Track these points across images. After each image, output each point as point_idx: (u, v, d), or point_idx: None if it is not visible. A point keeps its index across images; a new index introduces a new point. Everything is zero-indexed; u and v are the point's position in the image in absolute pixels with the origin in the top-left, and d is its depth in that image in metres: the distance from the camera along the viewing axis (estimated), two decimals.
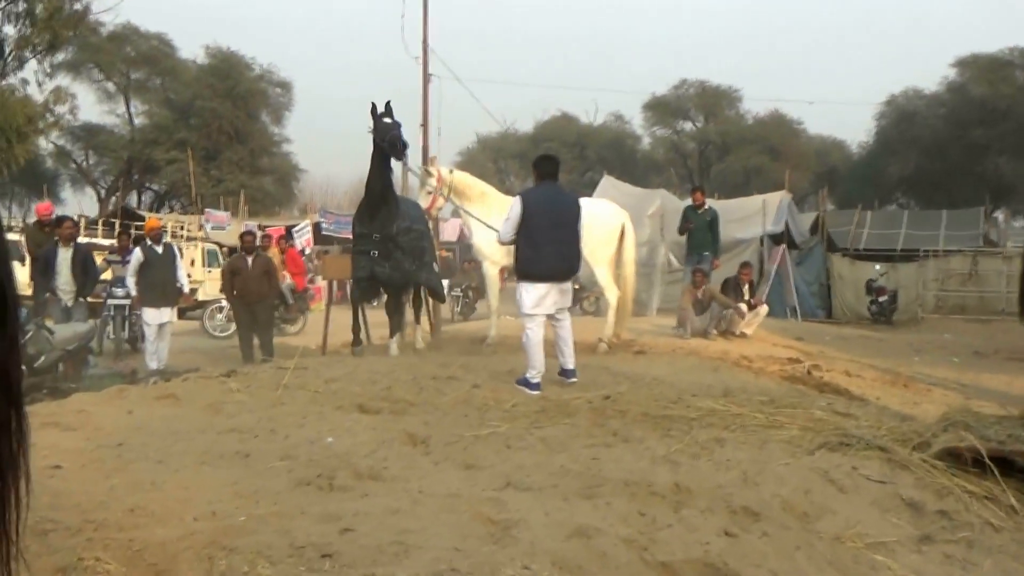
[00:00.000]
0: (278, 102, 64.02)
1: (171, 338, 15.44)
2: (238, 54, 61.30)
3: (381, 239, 13.28)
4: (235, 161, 58.66)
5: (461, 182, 15.46)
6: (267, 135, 63.65)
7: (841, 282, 31.19)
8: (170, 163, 56.69)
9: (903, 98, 58.59)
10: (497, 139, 70.44)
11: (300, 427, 7.11)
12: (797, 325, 23.98)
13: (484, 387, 9.52)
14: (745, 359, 14.57)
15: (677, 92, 66.63)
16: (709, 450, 6.59)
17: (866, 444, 6.54)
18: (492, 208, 15.18)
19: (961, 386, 14.71)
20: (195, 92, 58.74)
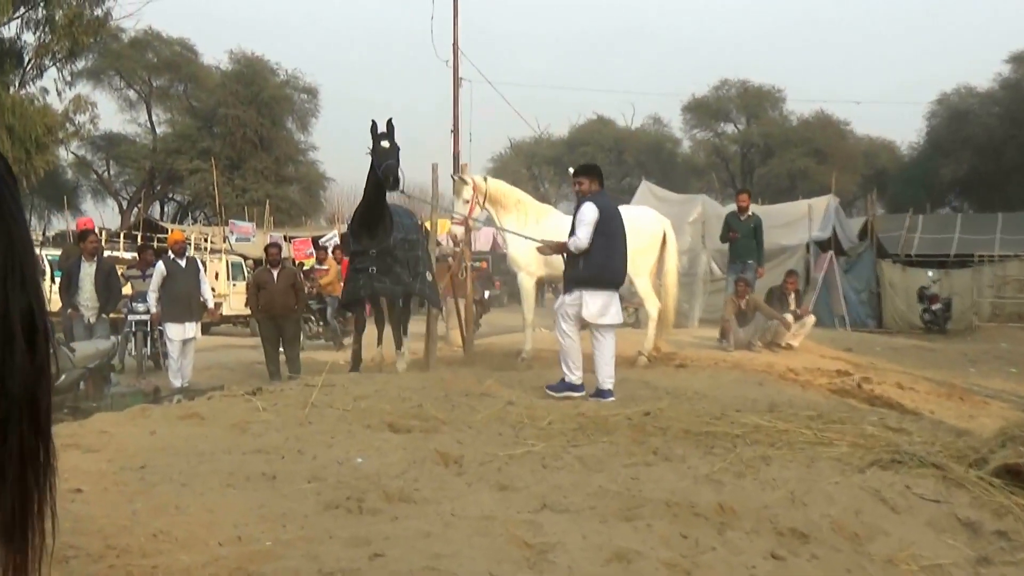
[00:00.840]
0: (304, 108, 64.48)
1: (195, 354, 15.53)
2: (263, 59, 61.85)
3: (379, 254, 13.48)
4: (260, 170, 59.04)
5: (497, 190, 15.46)
6: (293, 143, 64.05)
7: (892, 290, 30.98)
8: (193, 173, 57.15)
9: (955, 96, 58.23)
10: (531, 144, 70.59)
11: (328, 447, 7.12)
12: (846, 335, 23.80)
13: (519, 404, 9.51)
14: (791, 372, 14.49)
15: (718, 93, 66.56)
16: (754, 468, 6.55)
17: (920, 461, 6.48)
18: (529, 216, 15.19)
19: (1019, 399, 14.56)
20: (219, 99, 59.26)
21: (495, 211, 15.48)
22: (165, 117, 62.92)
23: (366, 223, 13.47)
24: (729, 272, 19.34)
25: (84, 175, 63.12)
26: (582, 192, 11.13)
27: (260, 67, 61.19)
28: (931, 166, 56.52)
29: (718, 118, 68.02)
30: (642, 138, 69.89)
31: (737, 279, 17.81)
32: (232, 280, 29.57)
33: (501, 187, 15.74)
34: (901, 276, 31.57)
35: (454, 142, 28.76)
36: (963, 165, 55.48)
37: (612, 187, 60.83)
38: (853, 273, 29.84)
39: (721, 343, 16.94)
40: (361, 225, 13.58)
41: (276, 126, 61.25)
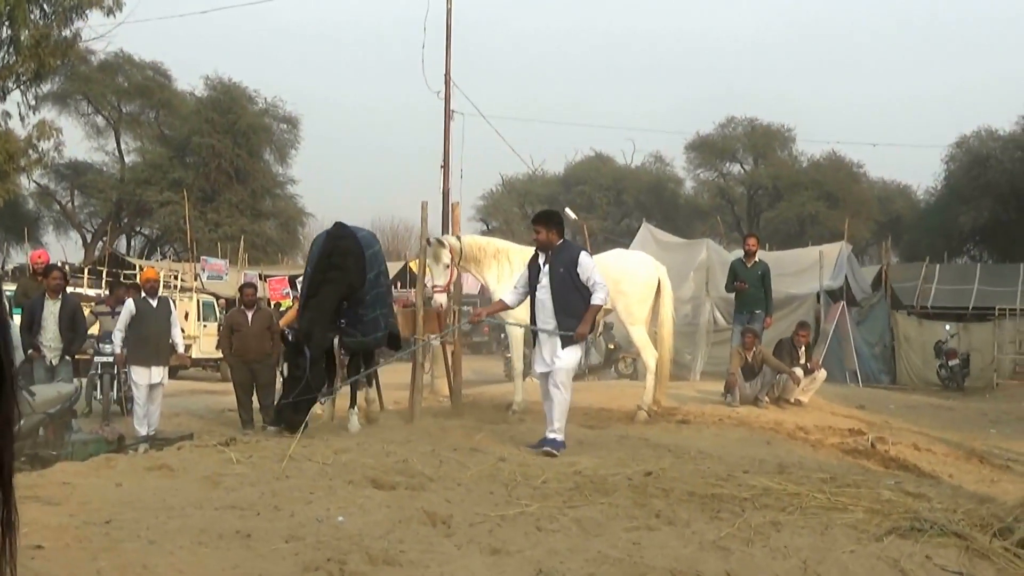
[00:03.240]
0: (283, 139, 64.58)
1: (162, 400, 15.46)
2: (240, 86, 61.95)
3: (350, 304, 13.12)
4: (235, 203, 59.06)
5: (471, 248, 15.52)
6: (270, 175, 64.10)
7: (907, 344, 31.02)
8: (163, 205, 57.11)
9: (975, 139, 58.45)
10: (524, 181, 70.79)
11: (307, 504, 7.09)
12: (858, 392, 23.81)
13: (511, 460, 9.50)
14: (801, 430, 14.48)
15: (723, 131, 66.77)
16: (764, 535, 6.54)
17: (941, 529, 6.47)
18: (513, 264, 15.21)
19: None
20: (192, 127, 59.33)
21: (474, 269, 15.53)
22: (135, 145, 62.92)
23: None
24: (735, 322, 19.32)
25: (46, 205, 62.95)
26: (539, 243, 11.21)
27: (237, 94, 61.34)
28: (949, 213, 56.63)
29: (724, 158, 68.17)
30: (643, 177, 70.05)
31: (744, 330, 17.82)
32: (203, 321, 29.52)
33: (475, 243, 15.80)
34: (917, 329, 31.62)
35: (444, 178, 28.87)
36: (983, 212, 55.57)
37: (609, 228, 61.16)
38: (866, 325, 29.87)
39: (726, 398, 16.92)
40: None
41: (253, 157, 61.33)
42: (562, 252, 11.12)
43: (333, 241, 13.21)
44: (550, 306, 10.99)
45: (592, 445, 10.89)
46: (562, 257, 11.05)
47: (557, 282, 10.95)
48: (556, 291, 10.94)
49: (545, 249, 11.13)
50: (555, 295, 10.94)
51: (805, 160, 66.65)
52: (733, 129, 66.87)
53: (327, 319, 12.72)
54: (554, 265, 11.00)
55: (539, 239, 11.13)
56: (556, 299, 10.94)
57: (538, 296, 11.11)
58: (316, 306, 12.73)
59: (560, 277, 10.95)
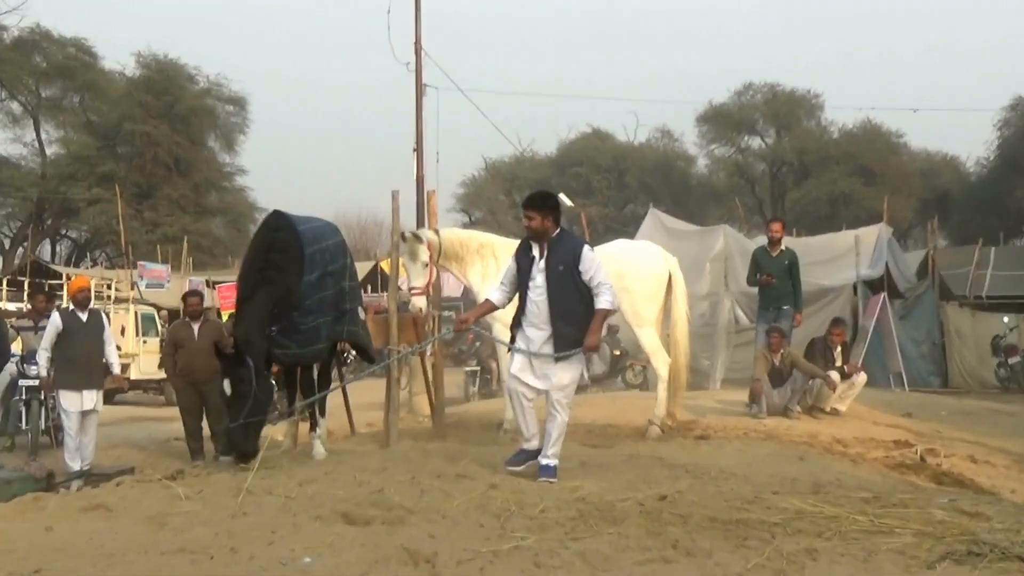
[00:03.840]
0: (229, 123, 64.67)
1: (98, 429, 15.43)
2: (177, 63, 62.06)
3: (284, 309, 12.53)
4: (175, 199, 59.07)
5: (452, 244, 15.46)
6: (215, 165, 64.16)
7: (959, 340, 31.11)
8: (92, 204, 57.05)
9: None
10: (511, 164, 70.95)
11: (268, 544, 7.10)
12: (904, 397, 23.88)
13: (503, 487, 9.49)
14: (839, 443, 14.52)
15: (740, 99, 67.00)
16: (798, 565, 6.56)
17: (1002, 553, 6.51)
18: (499, 260, 15.20)
19: None
20: (123, 112, 59.29)
21: (456, 268, 15.53)
22: (57, 135, 62.97)
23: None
24: (759, 321, 19.31)
25: None
26: (531, 231, 10.62)
27: (174, 73, 61.38)
28: (1004, 187, 56.77)
29: (741, 130, 68.36)
30: (648, 155, 70.21)
31: (769, 329, 17.81)
32: (142, 336, 29.48)
33: (456, 237, 15.74)
34: (970, 323, 31.70)
35: (417, 163, 28.81)
36: None
37: (611, 216, 61.28)
38: (911, 320, 29.95)
39: (751, 408, 16.95)
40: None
41: (195, 145, 61.39)
42: (561, 245, 10.63)
43: (271, 233, 12.88)
44: (546, 310, 10.51)
45: (597, 466, 10.89)
46: (561, 251, 10.56)
47: (555, 281, 10.47)
48: (554, 292, 10.46)
49: (539, 239, 10.61)
50: (553, 297, 10.46)
51: (836, 130, 67.00)
52: (751, 97, 67.08)
53: (265, 325, 12.38)
54: (551, 260, 10.52)
55: (532, 227, 10.56)
56: (554, 302, 10.47)
57: (531, 297, 10.59)
58: (254, 310, 12.34)
59: (559, 275, 10.46)
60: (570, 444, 12.47)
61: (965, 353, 30.99)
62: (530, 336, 10.54)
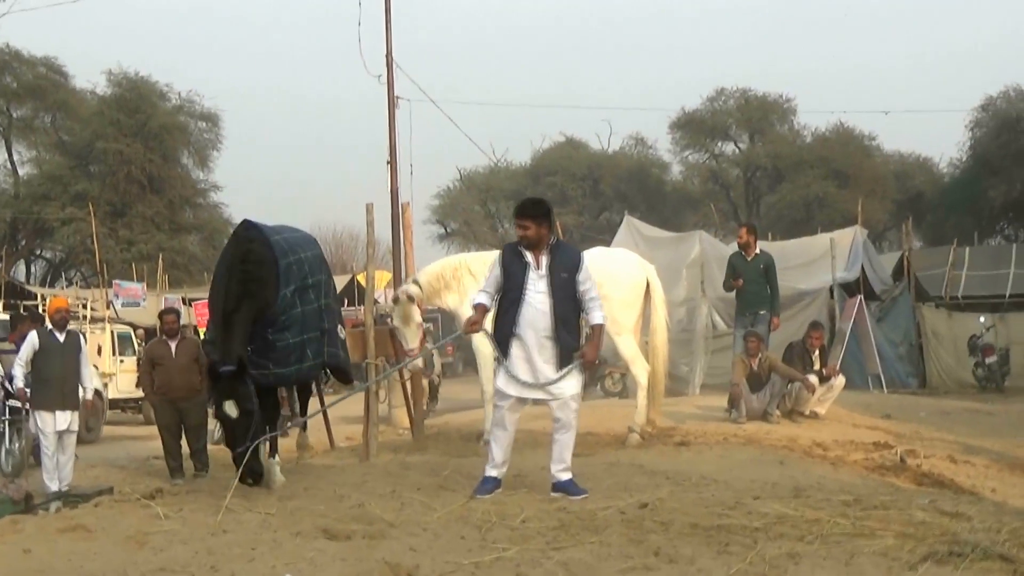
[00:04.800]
0: (202, 140, 64.45)
1: (77, 449, 15.36)
2: (149, 80, 61.72)
3: (259, 327, 11.51)
4: (149, 217, 58.82)
5: (431, 282, 15.48)
6: (189, 182, 63.93)
7: (936, 341, 31.17)
8: (66, 223, 56.79)
9: (1003, 100, 58.87)
10: (485, 175, 70.78)
11: (249, 561, 7.08)
12: (883, 399, 23.95)
13: (484, 498, 9.50)
14: (819, 447, 14.55)
15: (713, 105, 67.04)
16: (780, 569, 6.57)
17: (984, 552, 6.52)
18: (477, 277, 15.20)
19: None
20: (95, 131, 59.02)
21: (437, 300, 15.55)
22: (29, 155, 62.66)
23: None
24: (736, 325, 19.37)
25: None
26: (527, 240, 10.37)
27: (146, 90, 61.12)
28: (977, 187, 56.93)
29: (715, 136, 68.41)
30: (622, 163, 70.15)
31: (747, 334, 17.84)
32: (119, 356, 29.35)
33: (433, 275, 15.72)
34: (947, 323, 31.76)
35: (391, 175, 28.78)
36: (1016, 184, 55.92)
37: (587, 224, 61.31)
38: (888, 322, 29.99)
39: (730, 414, 16.97)
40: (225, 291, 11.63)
41: (168, 162, 61.14)
42: (562, 251, 10.58)
43: (245, 244, 11.87)
44: (550, 318, 10.27)
45: (578, 475, 10.85)
46: (563, 259, 10.45)
47: (559, 288, 10.30)
48: (557, 299, 10.27)
49: (534, 247, 10.38)
50: (555, 304, 10.26)
51: (809, 134, 67.11)
52: (724, 103, 67.13)
53: (246, 342, 11.41)
54: (554, 266, 10.34)
55: (527, 236, 10.35)
56: (556, 309, 10.26)
57: (531, 303, 10.27)
58: (240, 324, 11.34)
59: (562, 283, 10.30)
60: None
61: (942, 354, 31.05)
62: (527, 342, 10.21)
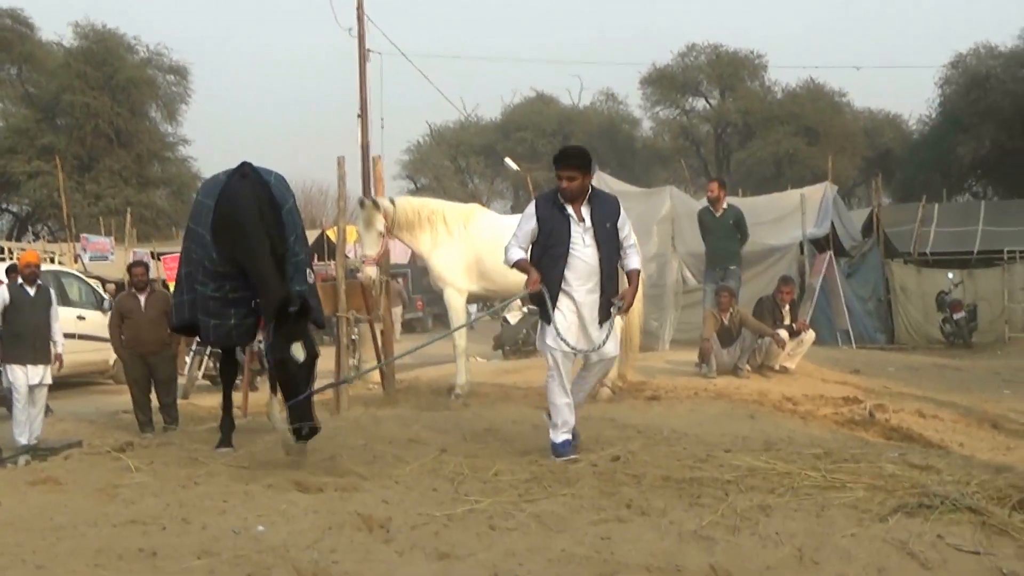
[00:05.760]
0: (171, 93, 63.99)
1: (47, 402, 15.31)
2: (116, 33, 61.24)
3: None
4: (117, 171, 58.48)
5: (405, 213, 15.34)
6: (157, 136, 63.54)
7: (905, 296, 31.27)
8: (32, 177, 56.44)
9: (973, 58, 58.88)
10: (455, 130, 70.71)
11: (221, 514, 7.06)
12: (852, 354, 24.03)
13: (456, 451, 9.50)
14: (789, 401, 14.59)
15: (684, 61, 66.95)
16: (752, 521, 6.59)
17: (952, 505, 6.56)
18: (451, 225, 15.18)
19: None
20: (62, 83, 58.55)
21: (408, 236, 15.44)
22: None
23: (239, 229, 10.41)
24: (706, 281, 19.34)
25: None
26: (571, 191, 9.93)
27: (113, 43, 60.62)
28: (947, 144, 57.00)
29: (685, 92, 68.33)
30: (593, 119, 70.13)
31: (718, 289, 17.83)
32: None
33: (410, 206, 15.63)
34: (915, 279, 31.85)
35: (362, 129, 28.73)
36: (985, 141, 56.04)
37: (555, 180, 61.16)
38: (857, 278, 30.05)
39: (701, 368, 16.99)
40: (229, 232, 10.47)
41: (136, 116, 60.74)
42: (602, 201, 10.17)
43: (259, 188, 10.72)
44: (598, 272, 9.93)
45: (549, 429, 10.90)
46: (604, 209, 10.08)
47: (604, 240, 9.96)
48: (604, 251, 9.94)
49: (575, 198, 9.97)
50: (603, 257, 9.93)
51: (779, 90, 67.09)
52: (695, 58, 67.02)
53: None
54: (597, 218, 9.96)
55: (573, 187, 9.91)
56: (603, 261, 9.94)
57: (580, 257, 9.87)
58: (299, 267, 10.71)
59: (607, 234, 9.97)
60: (522, 408, 12.52)
61: (911, 309, 31.17)
62: (578, 298, 9.84)
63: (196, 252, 10.73)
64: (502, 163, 52.91)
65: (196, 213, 10.87)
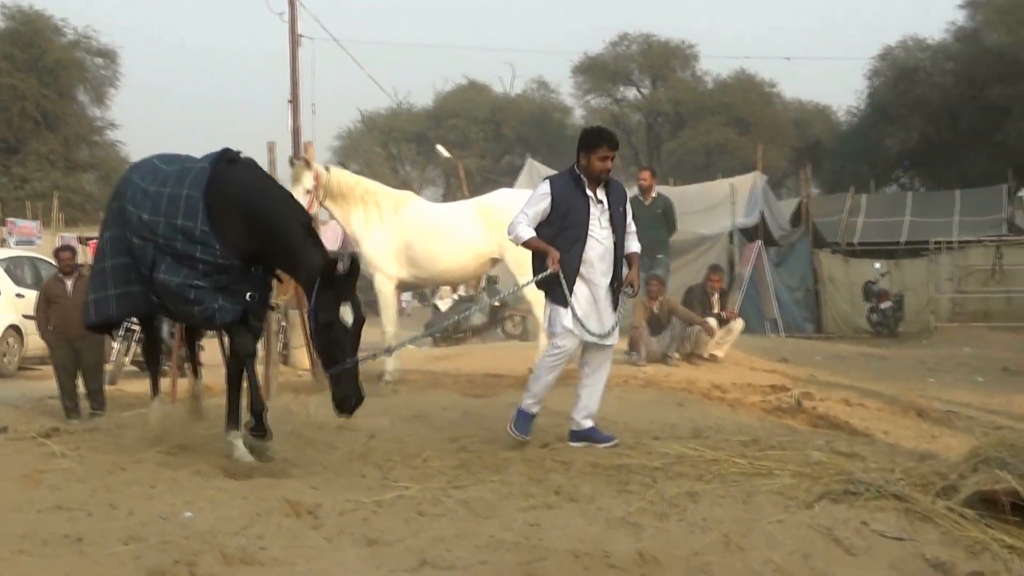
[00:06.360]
0: (99, 76, 63.30)
1: None
2: (44, 14, 60.44)
3: (264, 272, 9.78)
4: (44, 154, 57.82)
5: (339, 183, 15.23)
6: (86, 119, 62.89)
7: (832, 286, 31.52)
8: None
9: (901, 50, 59.35)
10: (387, 117, 70.37)
11: (148, 499, 7.01)
12: (780, 343, 24.18)
13: (385, 437, 9.49)
14: (717, 389, 14.66)
15: (616, 50, 67.04)
16: (679, 508, 6.63)
17: (877, 492, 6.63)
18: (382, 208, 15.10)
19: (989, 413, 14.96)
20: None
21: (338, 209, 15.30)
22: None
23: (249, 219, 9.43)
24: None
25: None
26: (605, 173, 9.89)
27: (40, 24, 59.88)
28: (875, 135, 57.42)
29: (617, 81, 68.45)
30: (524, 107, 70.08)
31: (648, 277, 17.83)
32: None
33: (344, 178, 15.53)
34: (843, 269, 32.12)
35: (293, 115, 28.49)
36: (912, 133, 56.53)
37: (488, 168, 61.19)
38: (786, 267, 30.24)
39: (630, 356, 17.01)
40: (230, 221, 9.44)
41: (64, 99, 60.06)
42: (615, 186, 10.15)
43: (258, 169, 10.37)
44: (614, 254, 9.92)
45: (479, 416, 10.91)
46: (616, 193, 10.09)
47: (619, 225, 9.97)
48: (619, 236, 9.94)
49: (599, 181, 9.90)
50: (617, 242, 9.92)
51: (710, 81, 67.35)
52: (627, 47, 67.12)
53: None
54: (612, 202, 9.97)
55: (608, 169, 9.91)
56: (618, 246, 9.93)
57: (598, 239, 9.81)
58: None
59: (620, 217, 9.98)
60: (451, 394, 12.52)
61: (838, 299, 31.42)
62: (596, 282, 9.74)
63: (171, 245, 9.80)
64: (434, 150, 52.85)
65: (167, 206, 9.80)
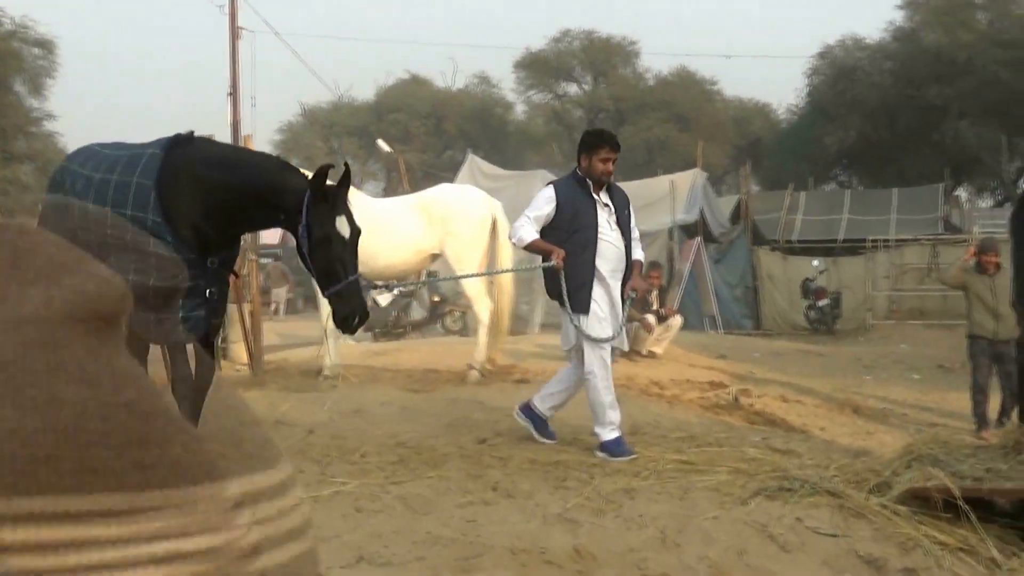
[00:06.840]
0: (36, 67, 62.65)
1: None
2: None
3: (222, 264, 8.65)
4: None
5: None
6: (22, 110, 62.24)
7: (771, 283, 31.67)
8: None
9: (840, 49, 59.67)
10: (328, 111, 70.11)
11: None
12: (718, 339, 24.31)
13: (323, 432, 9.46)
14: (655, 385, 14.72)
15: (557, 46, 67.03)
16: (616, 504, 6.65)
17: (812, 488, 6.68)
18: None
19: (924, 410, 15.09)
20: None
21: None
22: None
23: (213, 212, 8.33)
24: None
25: None
26: (607, 175, 9.89)
27: None
28: (814, 133, 57.71)
29: (558, 77, 68.44)
30: (466, 102, 69.98)
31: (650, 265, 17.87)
32: None
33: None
34: (781, 266, 32.25)
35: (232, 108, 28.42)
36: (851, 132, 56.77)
37: (429, 162, 61.02)
38: (725, 264, 30.37)
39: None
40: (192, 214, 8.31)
41: (1, 90, 59.50)
42: (617, 190, 10.14)
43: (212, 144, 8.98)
44: (624, 256, 9.78)
45: (417, 411, 10.90)
46: (619, 196, 10.06)
47: (625, 228, 9.85)
48: (626, 240, 9.81)
49: (602, 183, 9.87)
50: (626, 245, 9.80)
51: (651, 77, 67.39)
52: (568, 44, 67.11)
53: None
54: (617, 205, 9.90)
55: (611, 170, 9.91)
56: (628, 248, 9.82)
57: (608, 241, 9.69)
58: None
59: (626, 220, 9.88)
60: (390, 390, 12.50)
61: (776, 296, 31.58)
62: (608, 282, 9.58)
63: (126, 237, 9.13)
64: (375, 145, 52.73)
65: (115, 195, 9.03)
